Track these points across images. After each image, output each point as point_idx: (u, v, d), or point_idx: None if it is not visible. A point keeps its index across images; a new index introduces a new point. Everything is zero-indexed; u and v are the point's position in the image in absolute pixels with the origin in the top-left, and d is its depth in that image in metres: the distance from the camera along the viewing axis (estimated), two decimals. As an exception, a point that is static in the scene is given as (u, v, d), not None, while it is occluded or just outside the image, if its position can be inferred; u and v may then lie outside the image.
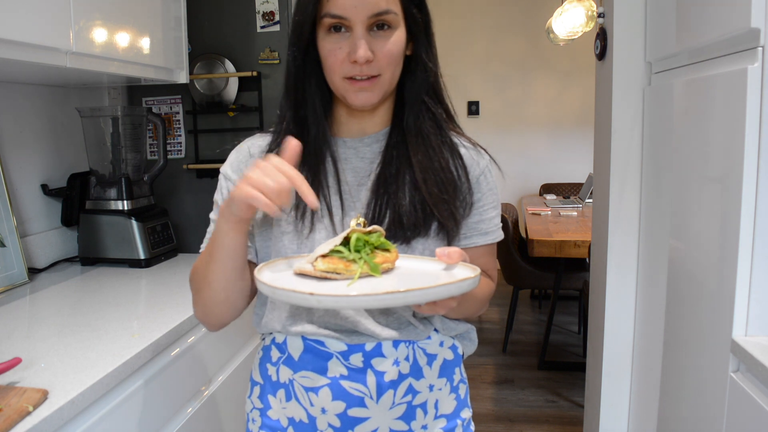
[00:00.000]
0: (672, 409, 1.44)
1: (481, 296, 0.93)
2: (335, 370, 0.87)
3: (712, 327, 1.19)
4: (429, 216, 0.86)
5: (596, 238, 1.89)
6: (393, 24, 0.82)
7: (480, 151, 0.94)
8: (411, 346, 0.90)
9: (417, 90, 0.89)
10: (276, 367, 0.92)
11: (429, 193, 0.86)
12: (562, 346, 3.46)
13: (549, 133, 4.95)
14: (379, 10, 0.80)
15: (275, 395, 0.92)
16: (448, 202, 0.87)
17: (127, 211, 1.75)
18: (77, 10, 1.31)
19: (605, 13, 1.74)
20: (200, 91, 2.02)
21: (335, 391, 0.87)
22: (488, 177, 0.93)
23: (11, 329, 1.21)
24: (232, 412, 1.51)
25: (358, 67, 0.81)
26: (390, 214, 0.86)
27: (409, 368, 0.89)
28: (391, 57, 0.82)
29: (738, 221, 1.07)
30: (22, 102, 1.68)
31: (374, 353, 0.87)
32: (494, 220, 0.94)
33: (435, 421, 0.93)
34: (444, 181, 0.87)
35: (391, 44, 0.82)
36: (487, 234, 0.93)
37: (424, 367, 0.90)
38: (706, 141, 1.24)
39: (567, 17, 2.95)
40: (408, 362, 0.89)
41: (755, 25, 1.03)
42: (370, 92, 0.83)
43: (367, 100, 0.84)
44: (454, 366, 0.95)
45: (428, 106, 0.90)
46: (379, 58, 0.82)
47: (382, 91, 0.85)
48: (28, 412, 0.83)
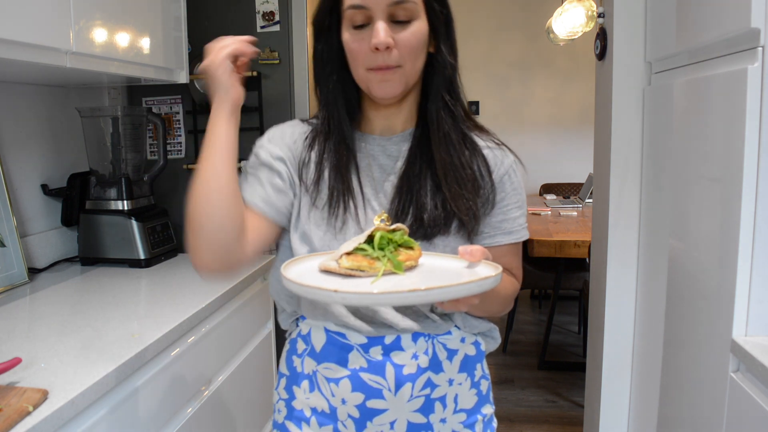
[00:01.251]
0: (672, 409, 1.44)
1: (505, 295, 0.93)
2: (355, 362, 0.89)
3: (712, 327, 1.19)
4: (450, 214, 0.87)
5: (596, 238, 1.89)
6: (413, 14, 0.83)
7: (505, 150, 0.95)
8: (430, 340, 0.90)
9: (438, 86, 0.89)
10: (301, 358, 0.94)
11: (449, 190, 0.87)
12: (562, 346, 3.46)
13: (549, 133, 4.95)
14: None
15: (299, 386, 0.95)
16: (468, 200, 0.87)
17: (127, 211, 1.75)
18: (77, 10, 1.31)
19: (605, 13, 1.74)
20: (200, 91, 2.02)
21: (355, 382, 0.89)
22: (513, 177, 0.93)
23: (11, 329, 1.21)
24: (231, 412, 1.51)
25: (380, 56, 0.82)
26: (412, 212, 0.87)
27: (428, 362, 0.90)
28: (411, 47, 0.83)
29: (738, 221, 1.07)
30: (22, 102, 1.68)
31: (393, 346, 0.88)
32: (519, 220, 0.94)
33: (454, 416, 0.93)
34: (464, 178, 0.88)
35: (411, 34, 0.83)
36: (511, 233, 0.94)
37: (444, 361, 0.91)
38: (706, 141, 1.24)
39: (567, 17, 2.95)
40: (427, 356, 0.89)
41: (755, 25, 1.03)
42: (392, 83, 0.84)
43: (390, 91, 0.85)
44: (476, 362, 0.96)
45: (447, 102, 0.90)
46: (400, 48, 0.82)
47: (404, 82, 0.85)
48: (28, 412, 0.83)
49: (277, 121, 2.11)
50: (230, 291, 1.51)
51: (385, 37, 0.81)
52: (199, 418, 1.31)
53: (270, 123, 2.01)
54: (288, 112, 2.01)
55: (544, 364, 3.15)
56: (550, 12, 3.24)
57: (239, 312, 1.57)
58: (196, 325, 1.34)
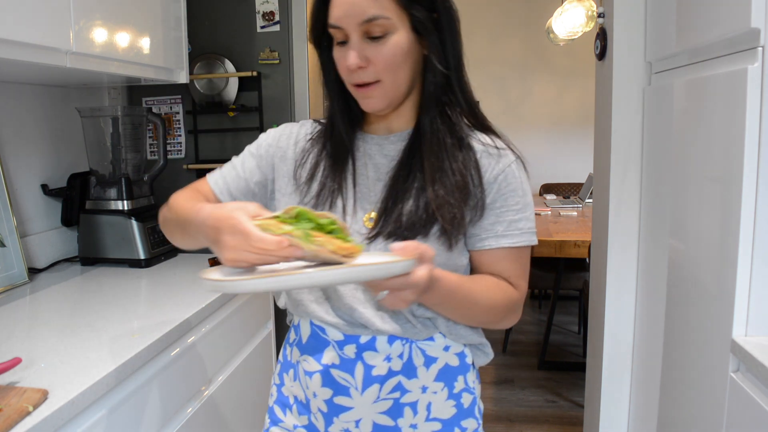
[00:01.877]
0: (672, 409, 1.44)
1: (490, 305, 0.88)
2: (329, 358, 0.90)
3: (712, 327, 1.19)
4: (431, 218, 0.85)
5: (596, 238, 1.89)
6: (387, 29, 0.81)
7: (503, 151, 0.90)
8: (408, 344, 0.90)
9: (428, 91, 0.88)
10: (291, 348, 0.98)
11: (435, 195, 0.85)
12: (562, 346, 3.46)
13: (549, 133, 4.95)
14: (366, 17, 0.80)
15: (288, 374, 0.99)
16: (453, 206, 0.85)
17: (127, 211, 1.75)
18: (77, 10, 1.31)
19: (605, 13, 1.74)
20: (200, 91, 2.02)
21: (325, 377, 0.91)
22: (509, 178, 0.88)
23: (11, 329, 1.21)
24: (232, 412, 1.51)
25: (356, 74, 0.83)
26: (395, 213, 0.87)
27: (401, 366, 0.89)
28: (387, 62, 0.82)
29: (738, 221, 1.07)
30: (22, 102, 1.68)
31: (367, 346, 0.89)
32: (517, 224, 0.89)
33: (427, 423, 0.92)
34: (452, 184, 0.86)
35: (387, 49, 0.82)
36: (503, 237, 0.89)
37: (420, 367, 0.90)
38: (706, 141, 1.24)
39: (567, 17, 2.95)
40: (401, 360, 0.89)
41: (755, 25, 1.03)
42: (374, 99, 0.85)
43: (374, 106, 0.86)
44: (458, 373, 0.93)
45: (443, 107, 0.88)
46: (375, 64, 0.82)
47: (387, 96, 0.85)
48: (28, 412, 0.83)
49: (277, 121, 2.13)
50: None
51: (353, 59, 0.82)
52: (199, 418, 1.31)
53: (270, 123, 2.01)
54: (288, 112, 2.01)
55: (544, 364, 3.15)
56: (550, 12, 3.24)
57: (239, 312, 1.57)
58: (196, 325, 1.34)
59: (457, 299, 0.83)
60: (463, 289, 0.83)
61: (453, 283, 0.81)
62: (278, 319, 2.01)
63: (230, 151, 2.06)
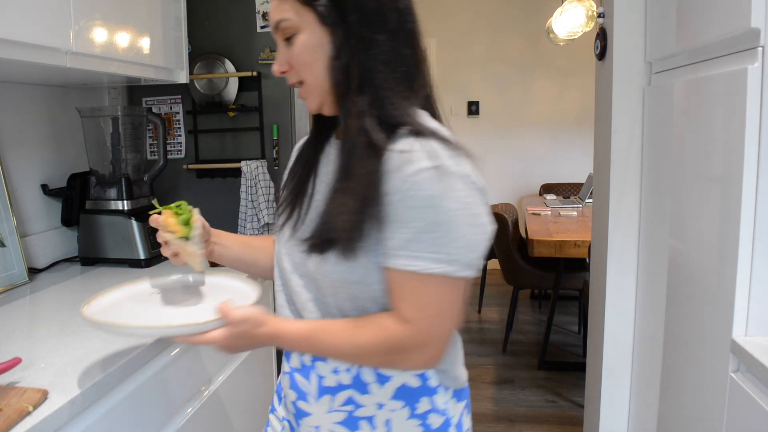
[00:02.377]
0: (672, 409, 1.44)
1: (355, 347, 0.80)
2: (295, 362, 0.92)
3: (712, 327, 1.19)
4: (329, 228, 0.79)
5: (596, 238, 1.89)
6: (292, 29, 0.82)
7: (414, 155, 0.74)
8: None
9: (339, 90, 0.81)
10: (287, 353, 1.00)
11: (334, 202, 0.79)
12: (562, 346, 3.46)
13: (549, 133, 4.95)
14: (274, 22, 0.83)
15: (283, 367, 1.00)
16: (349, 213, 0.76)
17: (127, 211, 1.75)
18: (77, 10, 1.31)
19: (605, 13, 1.74)
20: (200, 91, 2.02)
21: (291, 380, 0.93)
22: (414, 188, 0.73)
23: (11, 329, 1.21)
24: (232, 412, 1.51)
25: (287, 78, 0.87)
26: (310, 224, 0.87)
27: (350, 380, 0.85)
28: (298, 62, 0.83)
29: (738, 221, 1.07)
30: (22, 102, 1.68)
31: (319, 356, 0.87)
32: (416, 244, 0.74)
33: None
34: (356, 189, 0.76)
35: (295, 49, 0.83)
36: (396, 257, 0.75)
37: (372, 384, 0.85)
38: (706, 141, 1.24)
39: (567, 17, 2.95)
40: (349, 374, 0.85)
41: (755, 25, 1.03)
42: (307, 98, 0.87)
43: (310, 106, 0.88)
44: (420, 395, 0.86)
45: (357, 107, 0.78)
46: (292, 65, 0.84)
47: (314, 94, 0.85)
48: (28, 412, 0.83)
49: (277, 121, 2.12)
50: (230, 291, 1.51)
51: (275, 66, 0.86)
52: (199, 418, 1.31)
53: (270, 123, 2.02)
54: (288, 112, 2.01)
55: (544, 364, 3.15)
56: (550, 12, 3.24)
57: (239, 312, 1.57)
58: (196, 325, 1.34)
59: (311, 347, 0.84)
60: (315, 337, 0.82)
61: (299, 333, 0.84)
62: (278, 319, 2.00)
63: (230, 151, 2.06)
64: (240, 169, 1.97)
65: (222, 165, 2.03)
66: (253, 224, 1.97)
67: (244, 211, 1.97)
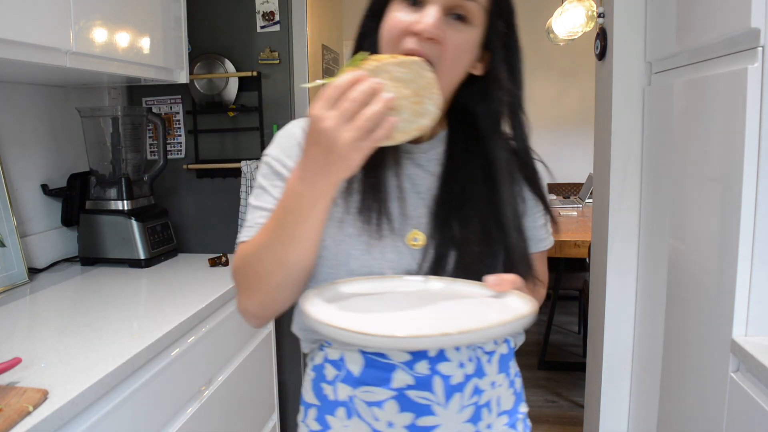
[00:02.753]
0: (672, 409, 1.44)
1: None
2: (401, 381, 0.81)
3: (712, 327, 1.19)
4: (499, 248, 0.81)
5: (596, 238, 1.89)
6: (473, 18, 0.75)
7: (536, 162, 0.89)
8: (470, 346, 0.85)
9: (497, 114, 0.83)
10: (333, 385, 0.86)
11: (511, 226, 0.81)
12: (562, 346, 3.46)
13: (549, 133, 4.95)
14: None
15: (334, 414, 0.86)
16: (520, 238, 0.82)
17: (127, 211, 1.75)
18: (77, 10, 1.31)
19: (605, 13, 1.74)
20: (200, 91, 2.02)
21: (402, 402, 0.81)
22: (543, 185, 0.89)
23: (11, 329, 1.21)
24: (232, 412, 1.51)
25: (418, 43, 0.72)
26: (457, 243, 0.81)
27: (473, 368, 0.84)
28: (458, 50, 0.74)
29: (738, 221, 1.07)
30: (22, 102, 1.68)
31: (439, 358, 0.82)
32: (546, 227, 0.91)
33: (498, 419, 0.88)
34: (521, 214, 0.84)
35: (463, 36, 0.75)
36: (541, 241, 0.90)
37: (485, 364, 0.86)
38: (706, 141, 1.24)
39: (567, 17, 2.95)
40: (472, 362, 0.84)
41: (755, 25, 1.03)
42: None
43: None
44: (509, 360, 0.91)
45: (514, 132, 0.85)
46: (446, 46, 0.73)
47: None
48: (28, 412, 0.83)
49: (277, 121, 2.12)
50: (230, 291, 1.51)
51: (433, 25, 0.71)
52: (199, 418, 1.31)
53: (270, 123, 2.01)
54: (288, 112, 2.01)
55: (544, 364, 3.15)
56: (550, 12, 3.24)
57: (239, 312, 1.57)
58: (196, 325, 1.34)
59: None
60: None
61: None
62: (278, 319, 2.01)
63: (230, 151, 2.06)
64: (240, 169, 1.97)
65: (222, 165, 2.03)
66: (253, 224, 1.97)
67: (244, 211, 1.97)
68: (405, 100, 0.67)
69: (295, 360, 2.09)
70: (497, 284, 0.72)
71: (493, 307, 0.73)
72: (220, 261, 1.75)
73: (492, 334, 0.65)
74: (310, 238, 0.73)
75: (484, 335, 0.64)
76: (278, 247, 0.74)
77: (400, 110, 0.67)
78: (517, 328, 0.66)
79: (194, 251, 2.07)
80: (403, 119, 0.68)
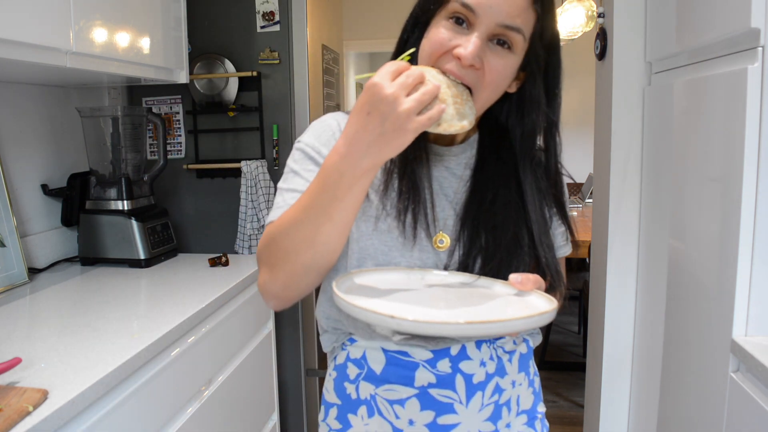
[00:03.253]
0: (672, 409, 1.44)
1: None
2: (423, 379, 0.82)
3: (712, 327, 1.19)
4: (523, 254, 0.83)
5: (596, 238, 1.89)
6: (515, 46, 0.76)
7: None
8: (491, 345, 0.86)
9: (530, 133, 0.86)
10: (355, 384, 0.87)
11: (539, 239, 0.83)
12: (562, 346, 3.46)
13: (549, 133, 4.94)
14: (511, 23, 0.73)
15: (356, 413, 0.87)
16: (549, 246, 0.84)
17: (127, 211, 1.75)
18: (77, 10, 1.31)
19: (605, 13, 1.74)
20: (200, 91, 2.02)
21: (423, 400, 0.83)
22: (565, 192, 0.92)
23: (11, 329, 1.21)
24: (232, 412, 1.51)
25: (458, 67, 0.74)
26: (484, 248, 0.82)
27: (495, 367, 0.85)
28: (498, 76, 0.76)
29: (738, 221, 1.07)
30: (22, 102, 1.68)
31: (461, 357, 0.83)
32: (565, 234, 0.93)
33: (517, 418, 0.90)
34: (548, 226, 0.85)
35: (504, 63, 0.76)
36: (560, 248, 0.93)
37: (506, 363, 0.87)
38: (706, 141, 1.24)
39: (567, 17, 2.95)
40: (493, 361, 0.86)
41: (755, 25, 1.03)
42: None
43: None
44: (529, 359, 0.92)
45: (545, 152, 0.88)
46: (486, 72, 0.75)
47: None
48: (28, 412, 0.83)
49: (277, 121, 2.12)
50: (230, 291, 1.51)
51: (473, 54, 0.72)
52: (199, 418, 1.31)
53: (270, 123, 2.02)
54: (288, 112, 2.01)
55: (544, 364, 3.15)
56: (549, 12, 3.23)
57: (239, 312, 1.57)
58: (196, 325, 1.34)
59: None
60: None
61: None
62: (278, 319, 2.01)
63: (230, 151, 2.06)
64: (240, 169, 1.97)
65: (222, 165, 2.03)
66: (253, 224, 1.97)
67: (244, 211, 1.97)
68: (450, 97, 0.70)
69: (295, 360, 2.10)
70: (521, 283, 0.73)
71: (515, 304, 0.74)
72: (220, 261, 1.75)
73: (515, 326, 0.66)
74: (344, 220, 0.72)
75: (508, 327, 0.65)
76: (309, 226, 0.72)
77: (446, 104, 0.69)
78: (539, 322, 0.67)
79: (194, 251, 2.07)
80: (449, 113, 0.69)
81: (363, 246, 0.83)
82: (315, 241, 0.73)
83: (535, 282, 0.74)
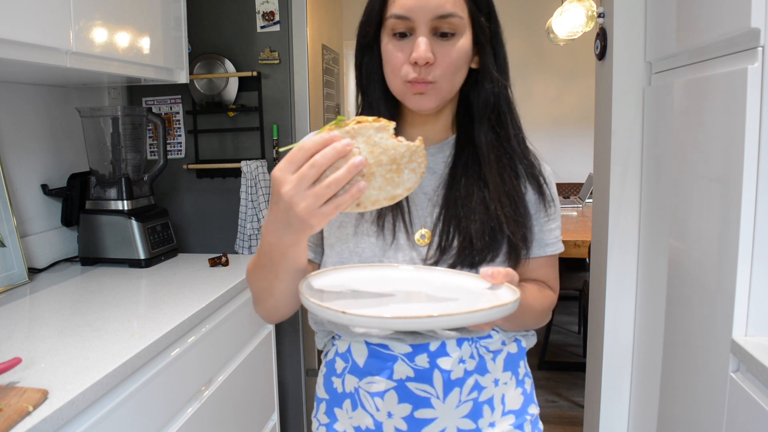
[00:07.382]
0: (672, 409, 1.44)
1: (540, 309, 0.90)
2: (401, 372, 0.85)
3: (712, 327, 1.19)
4: (500, 239, 0.84)
5: (596, 238, 1.89)
6: (458, 30, 0.80)
7: (542, 163, 0.93)
8: (474, 344, 0.87)
9: (485, 104, 0.86)
10: (341, 378, 0.90)
11: (504, 215, 0.83)
12: (562, 346, 3.46)
13: (549, 133, 4.95)
14: (443, 12, 0.78)
15: (341, 407, 0.91)
16: (521, 224, 0.85)
17: (127, 211, 1.75)
18: (77, 10, 1.31)
19: (605, 13, 1.74)
20: (200, 91, 2.02)
21: (401, 393, 0.85)
22: (550, 188, 0.92)
23: (11, 329, 1.21)
24: (232, 412, 1.51)
25: (417, 69, 0.80)
26: (459, 237, 0.84)
27: (474, 365, 0.87)
28: (452, 65, 0.80)
29: (738, 221, 1.07)
30: (22, 102, 1.68)
31: (440, 353, 0.85)
32: (554, 232, 0.93)
33: (503, 418, 0.90)
34: (517, 201, 0.85)
35: (455, 51, 0.80)
36: (548, 246, 0.92)
37: (489, 362, 0.88)
38: (706, 141, 1.24)
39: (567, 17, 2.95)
40: (473, 359, 0.87)
41: (755, 25, 1.03)
42: (428, 97, 0.82)
43: (425, 105, 0.83)
44: (519, 359, 0.93)
45: (500, 120, 0.88)
46: (440, 64, 0.80)
47: (440, 98, 0.84)
48: (28, 412, 0.83)
49: (277, 121, 2.12)
50: (230, 291, 1.51)
51: (425, 52, 0.78)
52: (199, 418, 1.31)
53: (270, 123, 2.02)
54: (288, 112, 2.01)
55: (544, 364, 3.15)
56: (550, 12, 3.23)
57: (239, 312, 1.57)
58: (196, 325, 1.34)
59: (524, 313, 0.84)
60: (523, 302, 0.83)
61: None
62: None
63: (230, 151, 2.06)
64: (240, 169, 1.97)
65: (222, 165, 2.03)
66: (253, 224, 1.97)
67: (244, 211, 1.97)
68: (380, 167, 0.66)
69: (295, 360, 2.10)
70: (491, 276, 0.74)
71: (485, 297, 0.75)
72: (220, 261, 1.75)
73: (470, 318, 0.66)
74: (289, 277, 0.77)
75: (463, 319, 0.65)
76: (264, 281, 0.80)
77: (373, 177, 0.66)
78: (497, 314, 0.67)
79: (194, 251, 2.07)
80: (375, 186, 0.67)
81: (339, 250, 0.87)
82: (272, 292, 0.81)
83: (506, 275, 0.74)
